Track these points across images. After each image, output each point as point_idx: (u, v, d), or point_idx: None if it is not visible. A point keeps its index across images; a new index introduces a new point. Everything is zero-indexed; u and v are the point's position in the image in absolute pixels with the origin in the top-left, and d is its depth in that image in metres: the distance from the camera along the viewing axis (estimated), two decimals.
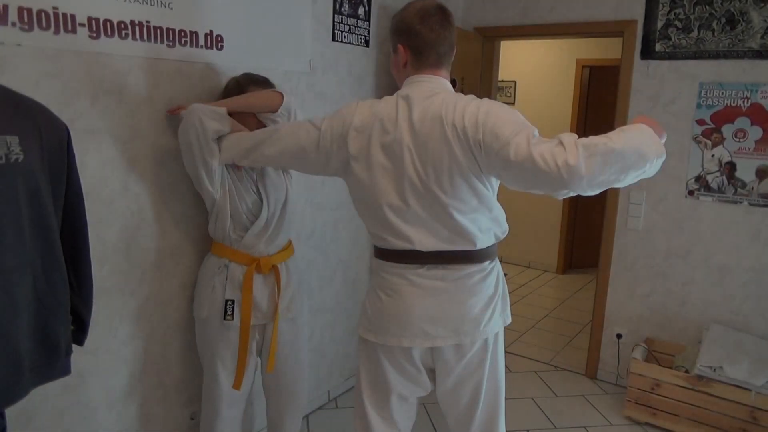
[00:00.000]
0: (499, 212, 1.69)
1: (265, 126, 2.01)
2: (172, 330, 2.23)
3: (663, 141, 1.48)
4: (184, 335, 2.28)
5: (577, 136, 1.44)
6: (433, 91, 1.63)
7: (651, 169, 1.44)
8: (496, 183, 1.66)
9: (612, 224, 3.40)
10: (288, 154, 1.78)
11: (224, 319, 2.06)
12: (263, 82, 2.10)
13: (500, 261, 1.99)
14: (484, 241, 1.67)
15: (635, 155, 1.40)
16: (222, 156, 1.95)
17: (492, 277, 1.73)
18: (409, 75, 1.70)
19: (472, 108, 1.55)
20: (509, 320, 1.80)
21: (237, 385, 2.11)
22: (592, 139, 1.41)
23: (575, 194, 1.45)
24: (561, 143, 1.42)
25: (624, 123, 3.27)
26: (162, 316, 2.19)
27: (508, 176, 1.52)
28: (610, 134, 1.44)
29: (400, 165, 1.60)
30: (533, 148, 1.43)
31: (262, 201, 2.08)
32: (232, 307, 2.06)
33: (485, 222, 1.66)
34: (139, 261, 2.07)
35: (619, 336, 3.45)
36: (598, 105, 5.58)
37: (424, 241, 1.63)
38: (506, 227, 1.73)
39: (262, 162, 1.88)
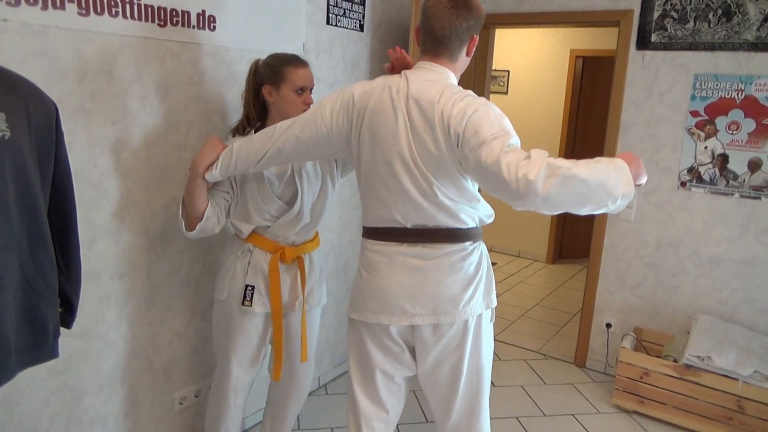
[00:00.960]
0: (478, 196, 1.70)
1: None
2: (161, 314, 2.21)
3: (642, 182, 1.47)
4: (173, 319, 2.25)
5: (548, 154, 1.44)
6: (431, 79, 1.62)
7: (615, 207, 1.43)
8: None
9: (603, 215, 3.40)
10: (305, 151, 1.76)
11: (242, 304, 2.04)
12: (295, 61, 2.01)
13: (490, 250, 1.99)
14: (466, 221, 1.68)
15: (599, 188, 1.39)
16: (226, 173, 1.89)
17: (473, 257, 1.71)
18: (419, 59, 1.70)
19: (464, 102, 1.55)
20: (494, 304, 1.78)
21: (276, 375, 2.10)
22: (560, 161, 1.41)
23: (533, 209, 1.45)
24: (529, 157, 1.42)
25: (618, 114, 3.27)
26: (151, 299, 2.16)
27: (476, 176, 1.54)
28: (583, 161, 1.42)
29: (395, 134, 1.61)
30: (503, 155, 1.44)
31: (298, 190, 2.02)
32: (252, 294, 2.04)
33: (468, 204, 1.66)
34: (129, 244, 2.04)
35: (608, 325, 3.46)
36: (591, 95, 5.58)
37: (408, 215, 1.65)
38: (491, 212, 1.74)
39: (280, 163, 1.86)
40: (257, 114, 2.05)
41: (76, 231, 1.54)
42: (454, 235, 1.66)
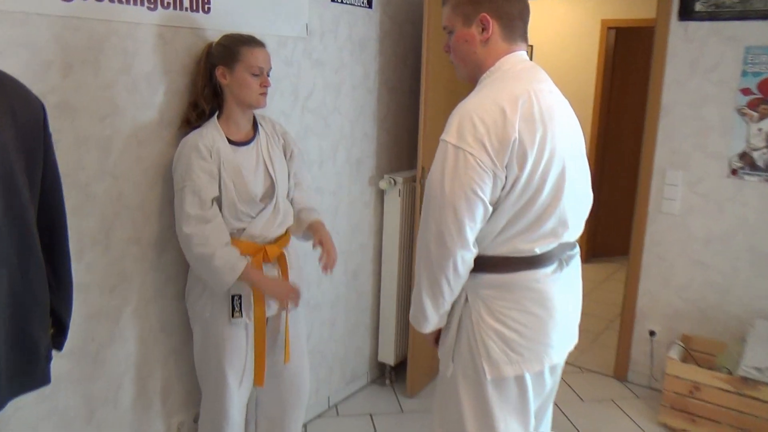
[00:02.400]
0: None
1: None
2: (156, 331, 2.24)
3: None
4: (169, 336, 2.29)
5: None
6: (545, 83, 1.65)
7: None
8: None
9: (644, 207, 3.41)
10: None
11: (232, 316, 2.09)
12: (251, 41, 2.09)
13: None
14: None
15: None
16: None
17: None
18: (499, 53, 1.62)
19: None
20: None
21: (259, 381, 2.19)
22: None
23: None
24: None
25: (658, 94, 3.28)
26: (145, 314, 2.20)
27: None
28: None
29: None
30: None
31: (273, 182, 2.13)
32: (240, 303, 2.09)
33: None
34: (120, 253, 2.08)
35: (652, 333, 3.48)
36: (626, 72, 5.58)
37: (575, 228, 1.69)
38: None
39: None
40: (207, 99, 2.13)
41: (67, 243, 1.57)
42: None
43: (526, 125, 1.50)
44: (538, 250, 1.60)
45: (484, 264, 1.61)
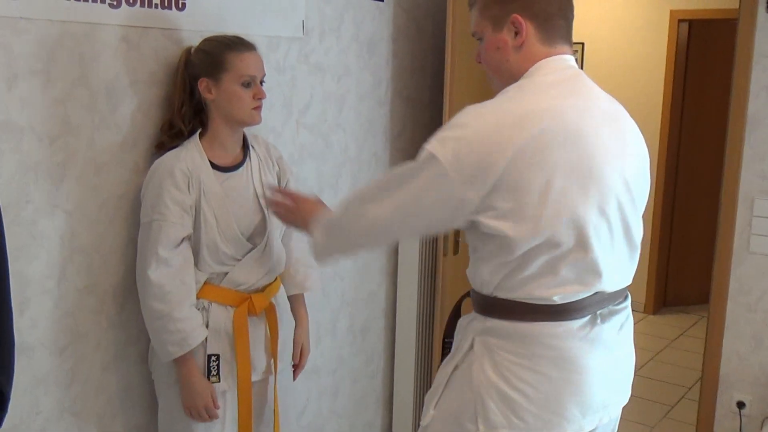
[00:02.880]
0: None
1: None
2: (115, 401, 2.26)
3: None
4: (131, 410, 2.31)
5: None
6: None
7: None
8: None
9: (727, 245, 3.41)
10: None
11: (208, 380, 2.11)
12: (238, 44, 2.14)
13: None
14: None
15: None
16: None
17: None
18: (537, 56, 1.66)
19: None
20: None
21: None
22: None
23: None
24: None
25: (743, 102, 3.29)
26: (102, 382, 2.22)
27: None
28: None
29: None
30: None
31: (265, 217, 2.17)
32: (217, 365, 2.11)
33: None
34: (72, 305, 2.11)
35: (740, 405, 3.45)
36: (702, 75, 5.60)
37: (615, 275, 1.71)
38: None
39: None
40: (186, 119, 2.16)
41: (8, 292, 1.60)
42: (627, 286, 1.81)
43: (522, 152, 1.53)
44: (557, 299, 1.62)
45: (495, 307, 1.65)
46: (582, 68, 5.81)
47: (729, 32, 3.55)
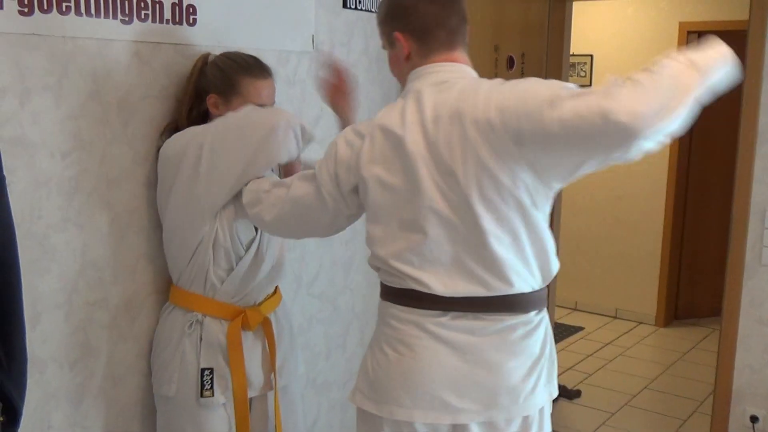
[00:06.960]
0: (549, 242, 1.79)
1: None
2: (126, 416, 2.27)
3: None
4: (142, 423, 2.31)
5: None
6: (447, 81, 1.77)
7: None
8: (545, 201, 1.75)
9: (739, 258, 3.40)
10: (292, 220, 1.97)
11: (201, 396, 2.10)
12: (254, 68, 2.15)
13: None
14: (529, 282, 1.77)
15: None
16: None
17: (539, 332, 1.82)
18: (415, 67, 1.85)
19: (498, 93, 1.68)
20: (556, 392, 1.89)
21: None
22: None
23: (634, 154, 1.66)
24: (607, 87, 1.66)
25: (754, 116, 3.28)
26: (113, 396, 2.22)
27: (552, 161, 1.67)
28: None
29: (415, 183, 1.71)
30: (565, 103, 1.60)
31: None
32: (211, 379, 2.10)
33: (531, 255, 1.75)
34: (83, 320, 2.12)
35: (754, 419, 3.43)
36: None
37: (448, 283, 1.73)
38: (557, 263, 1.83)
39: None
40: (190, 124, 2.16)
41: (21, 308, 1.60)
42: (517, 303, 1.76)
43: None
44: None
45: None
46: (591, 80, 5.87)
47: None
